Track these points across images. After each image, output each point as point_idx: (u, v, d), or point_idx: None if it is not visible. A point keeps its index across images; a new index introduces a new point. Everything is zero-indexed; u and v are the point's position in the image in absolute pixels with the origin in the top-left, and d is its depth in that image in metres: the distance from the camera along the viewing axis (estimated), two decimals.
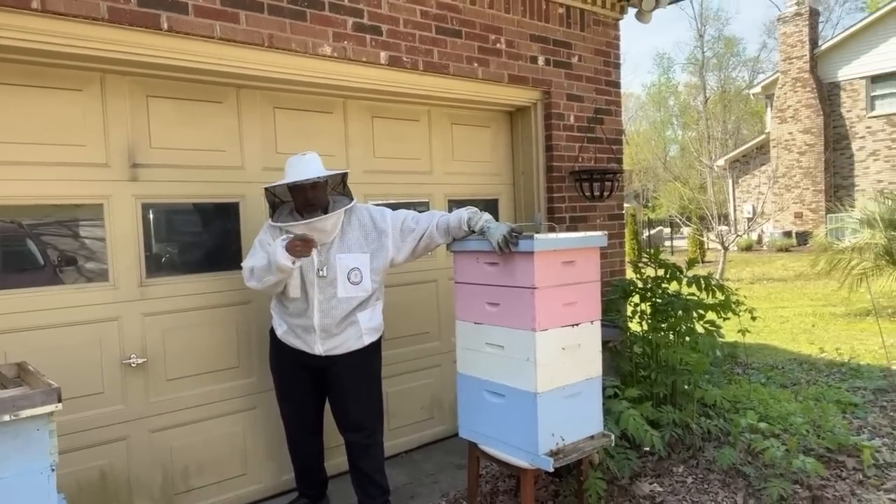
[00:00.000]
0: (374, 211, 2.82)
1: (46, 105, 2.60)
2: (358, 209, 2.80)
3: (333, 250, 2.71)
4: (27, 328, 2.55)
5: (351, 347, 2.74)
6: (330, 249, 2.71)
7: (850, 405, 4.27)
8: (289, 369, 2.85)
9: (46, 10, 2.31)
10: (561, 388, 2.59)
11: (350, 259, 2.71)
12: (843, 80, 17.64)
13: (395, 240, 2.77)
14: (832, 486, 3.13)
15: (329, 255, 2.71)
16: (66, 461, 2.29)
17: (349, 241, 2.73)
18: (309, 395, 2.88)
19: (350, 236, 2.73)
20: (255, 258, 2.72)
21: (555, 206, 4.06)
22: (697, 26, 33.78)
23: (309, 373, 2.81)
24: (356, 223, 2.76)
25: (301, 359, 2.78)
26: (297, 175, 2.66)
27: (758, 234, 18.63)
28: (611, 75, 4.39)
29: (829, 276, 8.74)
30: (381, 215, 2.80)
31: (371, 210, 2.83)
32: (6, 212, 2.58)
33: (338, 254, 2.71)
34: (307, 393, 2.87)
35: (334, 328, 2.71)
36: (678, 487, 3.18)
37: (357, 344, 2.75)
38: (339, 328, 2.72)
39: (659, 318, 3.72)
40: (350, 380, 2.78)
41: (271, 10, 2.85)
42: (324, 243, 2.70)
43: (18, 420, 1.68)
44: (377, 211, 2.83)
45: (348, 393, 2.80)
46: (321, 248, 2.69)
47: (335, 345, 2.72)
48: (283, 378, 2.89)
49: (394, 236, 2.76)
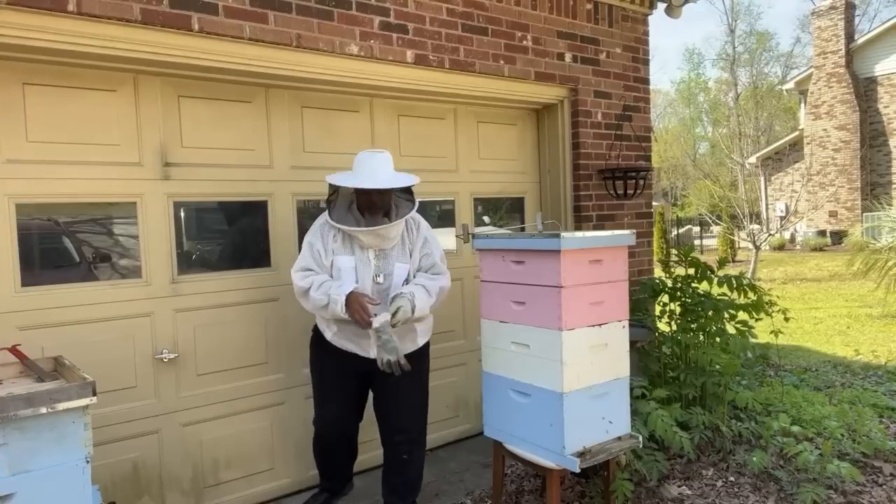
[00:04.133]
0: (425, 230, 2.76)
1: (81, 105, 2.66)
2: (416, 218, 2.74)
3: (392, 258, 2.65)
4: (63, 323, 2.62)
5: (407, 349, 2.67)
6: (388, 257, 2.64)
7: (888, 409, 4.14)
8: (336, 372, 2.74)
9: (82, 12, 2.36)
10: (588, 388, 2.57)
11: (404, 269, 2.67)
12: (881, 74, 17.13)
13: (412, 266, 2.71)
14: (868, 493, 3.04)
15: (387, 262, 2.64)
16: (100, 454, 2.34)
17: (407, 248, 2.69)
18: (353, 399, 2.80)
19: (407, 243, 2.70)
20: (307, 278, 2.59)
21: (581, 204, 4.02)
22: (728, 21, 33.20)
23: (357, 376, 2.74)
24: (413, 230, 2.71)
25: (352, 362, 2.68)
26: (369, 177, 2.54)
27: (791, 233, 18.21)
28: (639, 71, 4.33)
29: (866, 277, 8.50)
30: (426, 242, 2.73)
31: (423, 226, 2.76)
32: (43, 210, 2.65)
33: (397, 262, 2.65)
34: (351, 396, 2.79)
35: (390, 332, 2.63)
36: (707, 491, 3.13)
37: (412, 346, 2.71)
38: (395, 331, 2.62)
39: (689, 319, 3.66)
40: (406, 383, 2.67)
41: (299, 10, 2.87)
42: (382, 248, 2.63)
43: (55, 413, 1.72)
44: (428, 231, 2.76)
45: (403, 396, 2.73)
46: (379, 253, 2.63)
47: None
48: (326, 380, 2.79)
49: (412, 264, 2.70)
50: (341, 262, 2.61)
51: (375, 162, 2.58)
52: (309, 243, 2.66)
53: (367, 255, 2.63)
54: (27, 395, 1.69)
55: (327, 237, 2.64)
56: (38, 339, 2.53)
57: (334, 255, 2.62)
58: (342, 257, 2.61)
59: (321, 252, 2.62)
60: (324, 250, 2.63)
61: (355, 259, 2.61)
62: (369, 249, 2.62)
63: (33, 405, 1.69)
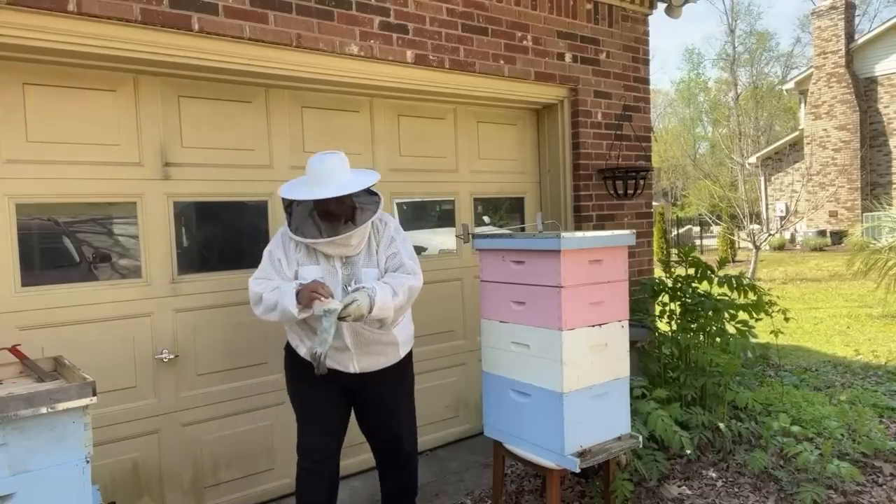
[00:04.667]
0: (393, 229, 2.54)
1: (82, 105, 2.66)
2: (382, 217, 2.54)
3: (360, 263, 2.47)
4: (63, 323, 2.62)
5: (390, 362, 2.56)
6: (356, 263, 2.47)
7: (888, 409, 4.14)
8: (317, 391, 2.53)
9: (82, 12, 2.36)
10: (588, 388, 2.57)
11: (374, 274, 2.47)
12: (881, 74, 17.13)
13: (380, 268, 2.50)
14: (868, 493, 3.04)
15: (355, 268, 2.46)
16: (100, 453, 2.34)
17: (373, 251, 2.50)
18: (338, 416, 2.60)
19: (374, 245, 2.51)
20: (263, 284, 2.41)
21: (581, 203, 4.02)
22: (728, 21, 33.20)
23: (340, 392, 2.56)
24: (379, 231, 2.52)
25: (335, 378, 2.47)
26: (319, 187, 2.34)
27: (791, 233, 18.20)
28: (639, 71, 4.33)
29: (866, 277, 8.50)
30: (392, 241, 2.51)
31: (391, 226, 2.54)
32: (43, 209, 2.65)
33: (365, 268, 2.47)
34: (335, 413, 2.58)
35: (369, 346, 2.48)
36: (707, 491, 3.13)
37: (395, 357, 2.58)
38: (375, 346, 2.50)
39: (689, 319, 3.66)
40: (391, 396, 2.61)
41: (299, 10, 2.87)
42: (349, 256, 2.45)
43: (55, 413, 1.72)
44: (397, 231, 2.55)
45: (389, 410, 2.63)
46: (346, 261, 2.46)
47: (372, 362, 2.51)
48: (306, 402, 2.56)
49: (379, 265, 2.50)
50: (307, 272, 2.43)
51: (326, 167, 2.36)
52: (269, 252, 2.49)
53: (334, 263, 2.45)
54: (27, 395, 1.69)
55: (289, 246, 2.47)
56: (38, 339, 2.53)
57: (299, 266, 2.45)
58: (308, 267, 2.45)
59: (282, 261, 2.45)
60: (286, 259, 2.45)
61: (321, 269, 2.44)
62: (334, 258, 2.45)
63: (33, 405, 1.69)
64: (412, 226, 3.80)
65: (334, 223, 2.42)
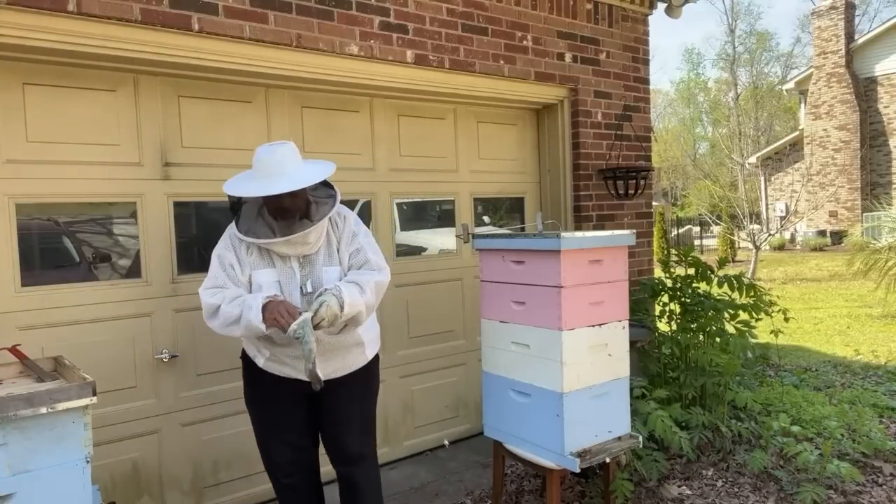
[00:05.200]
0: (354, 223, 2.34)
1: (81, 105, 2.66)
2: (340, 210, 2.35)
3: (320, 262, 2.27)
4: (63, 323, 2.62)
5: (356, 365, 2.35)
6: (315, 262, 2.26)
7: (888, 409, 4.15)
8: (277, 404, 2.34)
9: (82, 12, 2.36)
10: (588, 388, 2.57)
11: (335, 272, 2.28)
12: (881, 74, 17.13)
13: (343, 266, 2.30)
14: (868, 493, 3.04)
15: (314, 267, 2.25)
16: (100, 453, 2.34)
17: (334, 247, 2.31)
18: (306, 428, 2.39)
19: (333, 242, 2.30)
20: (217, 294, 2.18)
21: (581, 203, 4.02)
22: (728, 21, 33.21)
23: (304, 402, 2.34)
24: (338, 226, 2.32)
25: (293, 387, 2.29)
26: (267, 181, 2.12)
27: (791, 233, 18.21)
28: (639, 71, 4.33)
29: (866, 277, 8.50)
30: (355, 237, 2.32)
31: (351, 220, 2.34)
32: (43, 209, 2.65)
33: (325, 266, 2.26)
34: (302, 425, 2.37)
35: (331, 351, 2.27)
36: (707, 491, 3.13)
37: (361, 360, 2.37)
38: (338, 350, 2.28)
39: (688, 319, 3.66)
40: (353, 403, 2.36)
41: (299, 10, 2.87)
42: (306, 255, 2.25)
43: (55, 413, 1.72)
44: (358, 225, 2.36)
45: (349, 419, 2.36)
46: (304, 260, 2.25)
47: (338, 367, 2.30)
48: (268, 416, 2.36)
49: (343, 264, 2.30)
50: (261, 276, 2.22)
51: (276, 158, 2.15)
52: (217, 256, 2.24)
53: (290, 264, 2.24)
54: (27, 395, 1.69)
55: (240, 249, 2.24)
56: (38, 339, 2.53)
57: (252, 270, 2.24)
58: (261, 271, 2.23)
59: (234, 265, 2.23)
60: (238, 264, 2.23)
61: (277, 271, 2.23)
62: (291, 258, 2.24)
63: (33, 405, 1.69)
64: (412, 226, 3.80)
65: (288, 220, 2.19)
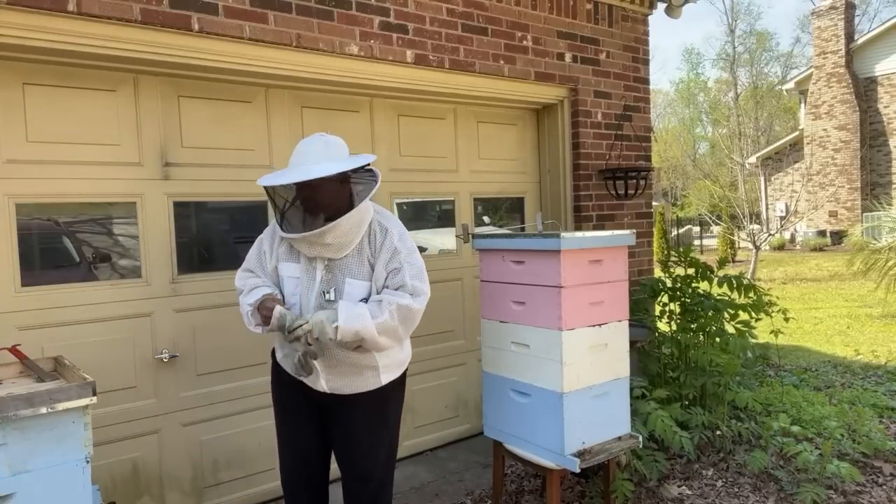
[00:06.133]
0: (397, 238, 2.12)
1: (81, 105, 2.66)
2: (382, 221, 2.15)
3: (345, 271, 2.10)
4: (63, 323, 2.62)
5: (367, 387, 2.18)
6: (341, 269, 2.10)
7: (888, 409, 4.15)
8: (290, 403, 2.29)
9: (82, 12, 2.36)
10: (588, 388, 2.57)
11: (362, 287, 2.10)
12: (881, 74, 17.13)
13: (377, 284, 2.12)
14: (868, 493, 3.04)
15: (336, 275, 2.10)
16: (100, 453, 2.34)
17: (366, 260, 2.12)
18: (316, 436, 2.28)
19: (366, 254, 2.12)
20: (244, 280, 2.23)
21: (581, 203, 4.02)
22: (728, 21, 33.23)
23: (315, 408, 2.25)
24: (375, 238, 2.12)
25: (305, 391, 2.23)
26: (286, 171, 2.09)
27: (790, 233, 18.21)
28: (639, 71, 4.33)
29: (866, 277, 8.50)
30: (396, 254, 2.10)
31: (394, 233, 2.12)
32: (43, 209, 2.65)
33: (350, 278, 2.09)
34: (312, 433, 2.27)
35: (340, 367, 2.14)
36: (707, 491, 3.13)
37: (373, 383, 2.18)
38: (347, 367, 2.14)
39: (688, 319, 3.66)
40: (363, 425, 2.20)
41: (299, 11, 2.87)
42: (332, 259, 2.10)
43: (55, 413, 1.72)
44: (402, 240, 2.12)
45: (359, 440, 2.22)
46: (329, 264, 2.11)
47: (343, 384, 2.16)
48: (283, 413, 2.33)
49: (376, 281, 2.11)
50: (284, 269, 2.18)
51: (304, 149, 2.10)
52: (259, 241, 2.28)
53: (314, 265, 2.13)
54: (27, 395, 1.69)
55: (275, 239, 2.22)
56: (38, 339, 2.53)
57: (279, 262, 2.20)
58: (286, 264, 2.18)
59: (266, 253, 2.23)
60: (269, 252, 2.22)
61: (300, 269, 2.15)
62: (317, 259, 2.12)
63: (33, 405, 1.69)
64: (412, 226, 3.79)
65: (314, 216, 2.08)
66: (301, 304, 2.13)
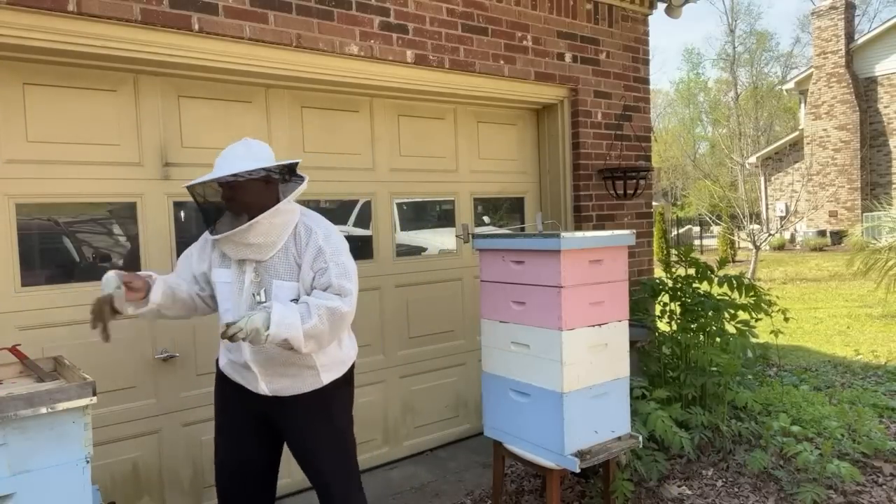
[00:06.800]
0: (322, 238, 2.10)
1: (81, 105, 2.66)
2: (308, 222, 2.14)
3: (271, 273, 2.10)
4: (63, 323, 2.62)
5: (307, 388, 2.16)
6: (268, 271, 2.11)
7: (888, 409, 4.15)
8: (230, 407, 2.26)
9: (82, 12, 2.36)
10: (588, 388, 2.57)
11: (290, 289, 2.10)
12: (881, 74, 17.13)
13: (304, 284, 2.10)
14: (868, 493, 3.04)
15: (264, 278, 2.11)
16: (100, 453, 2.34)
17: (292, 261, 2.11)
18: (253, 439, 2.24)
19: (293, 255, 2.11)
20: None
21: (581, 203, 4.02)
22: (728, 21, 33.24)
23: (258, 417, 2.22)
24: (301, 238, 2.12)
25: (245, 397, 2.19)
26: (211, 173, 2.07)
27: (791, 233, 18.21)
28: (639, 72, 4.33)
29: (866, 277, 8.50)
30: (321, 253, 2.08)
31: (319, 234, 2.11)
32: (43, 209, 2.65)
33: (278, 279, 2.10)
34: (251, 436, 2.24)
35: (277, 367, 2.13)
36: (707, 491, 3.13)
37: (314, 384, 2.16)
38: (285, 368, 2.13)
39: (689, 318, 3.66)
40: (308, 428, 2.19)
41: (299, 10, 2.87)
42: (260, 260, 2.10)
43: (55, 413, 1.72)
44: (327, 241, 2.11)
45: (308, 442, 2.20)
46: (258, 266, 2.11)
47: (283, 386, 2.15)
48: (221, 415, 2.30)
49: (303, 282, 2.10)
50: (217, 275, 2.18)
51: (225, 153, 2.12)
52: (192, 245, 2.29)
53: (244, 269, 2.13)
54: (27, 395, 1.69)
55: (209, 243, 2.22)
56: (38, 339, 2.53)
57: (212, 269, 2.20)
58: (219, 270, 2.18)
59: (193, 255, 2.24)
60: (198, 256, 2.23)
61: (231, 273, 2.16)
62: (246, 262, 2.12)
63: (33, 405, 1.69)
64: (412, 226, 3.80)
65: (239, 217, 2.08)
66: (234, 308, 2.14)
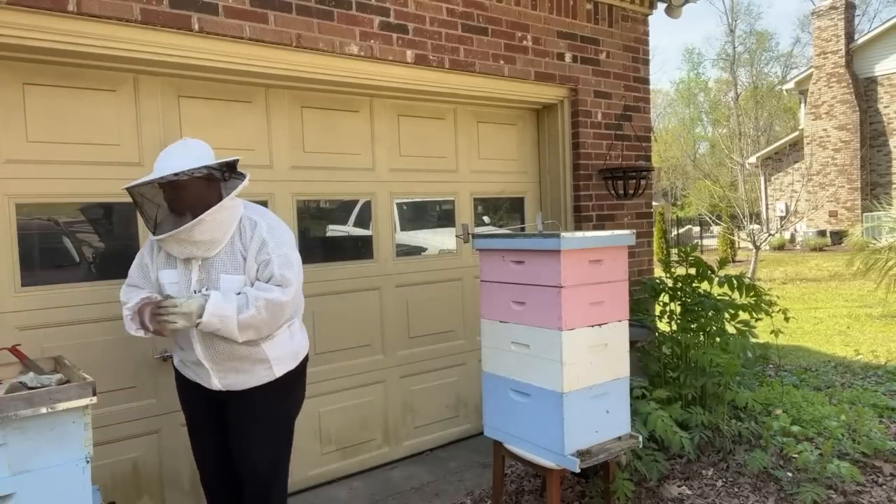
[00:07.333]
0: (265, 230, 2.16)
1: (81, 105, 2.66)
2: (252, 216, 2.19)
3: (218, 268, 2.14)
4: (63, 323, 2.62)
5: (259, 381, 2.22)
6: (213, 267, 2.14)
7: (888, 409, 4.14)
8: (193, 404, 2.35)
9: (82, 12, 2.36)
10: (588, 388, 2.57)
11: (237, 281, 2.13)
12: (881, 74, 17.13)
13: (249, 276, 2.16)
14: (868, 493, 3.04)
15: (210, 273, 2.14)
16: (100, 453, 2.34)
17: (238, 255, 2.15)
18: (218, 434, 2.32)
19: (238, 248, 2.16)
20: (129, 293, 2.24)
21: (581, 203, 4.02)
22: (728, 21, 33.25)
23: (214, 407, 2.29)
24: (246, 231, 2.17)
25: (202, 392, 2.27)
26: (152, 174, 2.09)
27: (791, 233, 18.21)
28: (639, 72, 4.33)
29: (866, 277, 8.50)
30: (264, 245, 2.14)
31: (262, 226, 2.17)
32: (43, 209, 2.65)
33: (224, 274, 2.13)
34: (215, 431, 2.31)
35: (228, 362, 2.18)
36: (707, 491, 3.13)
37: (266, 376, 2.22)
38: (237, 363, 2.17)
39: (689, 318, 3.66)
40: (252, 415, 2.24)
41: (299, 11, 2.87)
42: (205, 257, 2.14)
43: (55, 413, 1.72)
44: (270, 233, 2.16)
45: (246, 431, 2.25)
46: (203, 263, 2.15)
47: (236, 381, 2.21)
48: (187, 413, 2.40)
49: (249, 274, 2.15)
50: (164, 276, 2.21)
51: (164, 153, 2.14)
52: (140, 254, 2.31)
53: (190, 267, 2.17)
54: (27, 395, 1.69)
55: (154, 247, 2.25)
56: (38, 339, 2.53)
57: (159, 270, 2.23)
58: (165, 271, 2.22)
59: (148, 265, 2.26)
60: (151, 263, 2.26)
61: (177, 273, 2.19)
62: (192, 260, 2.16)
63: (33, 405, 1.69)
64: (412, 226, 3.80)
65: (182, 216, 2.10)
66: None
